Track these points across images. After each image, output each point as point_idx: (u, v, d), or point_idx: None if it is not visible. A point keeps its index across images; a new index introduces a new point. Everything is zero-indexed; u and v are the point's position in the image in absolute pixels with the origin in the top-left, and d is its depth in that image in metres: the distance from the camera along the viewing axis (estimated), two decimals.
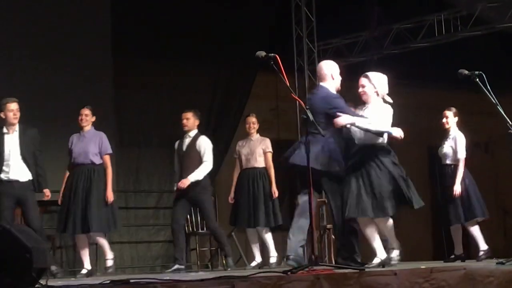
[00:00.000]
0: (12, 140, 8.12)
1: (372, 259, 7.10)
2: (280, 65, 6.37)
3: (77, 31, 10.89)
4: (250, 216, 9.12)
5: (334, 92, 7.11)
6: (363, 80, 7.24)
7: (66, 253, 10.62)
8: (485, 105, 7.30)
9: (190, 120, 8.92)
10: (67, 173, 8.55)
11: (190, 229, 10.39)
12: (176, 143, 9.09)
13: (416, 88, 14.31)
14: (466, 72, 7.00)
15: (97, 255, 10.00)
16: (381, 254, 7.08)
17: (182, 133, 9.06)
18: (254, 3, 12.06)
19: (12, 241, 4.85)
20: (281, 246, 8.91)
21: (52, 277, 7.66)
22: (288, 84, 6.41)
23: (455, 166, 8.72)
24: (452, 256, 8.73)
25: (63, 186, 8.52)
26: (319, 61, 12.43)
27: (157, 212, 11.70)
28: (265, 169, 9.28)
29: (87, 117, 8.55)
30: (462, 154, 8.70)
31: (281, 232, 9.10)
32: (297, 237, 6.82)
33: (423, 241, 9.18)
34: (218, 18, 11.82)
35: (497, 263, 6.69)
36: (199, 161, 8.81)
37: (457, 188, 8.58)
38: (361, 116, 7.02)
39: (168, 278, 5.33)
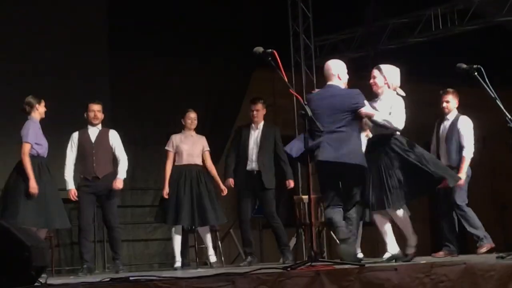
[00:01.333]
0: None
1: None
2: (278, 61, 6.37)
3: (73, 29, 10.89)
4: (194, 213, 9.04)
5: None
6: (374, 72, 7.30)
7: (63, 251, 10.62)
8: (483, 100, 7.30)
9: (260, 112, 9.28)
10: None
11: (189, 227, 10.37)
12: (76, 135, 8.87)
13: (413, 84, 14.30)
14: (464, 66, 7.00)
15: (95, 252, 10.00)
16: (392, 249, 7.08)
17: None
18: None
19: (11, 239, 4.86)
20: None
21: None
22: (286, 79, 6.41)
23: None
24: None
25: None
26: (316, 57, 12.48)
27: (153, 210, 11.68)
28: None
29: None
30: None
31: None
32: None
33: (422, 236, 9.18)
34: (214, 16, 11.83)
35: (497, 257, 6.70)
36: None
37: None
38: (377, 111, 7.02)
39: (167, 275, 5.32)
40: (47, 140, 8.35)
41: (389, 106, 7.08)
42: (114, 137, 8.82)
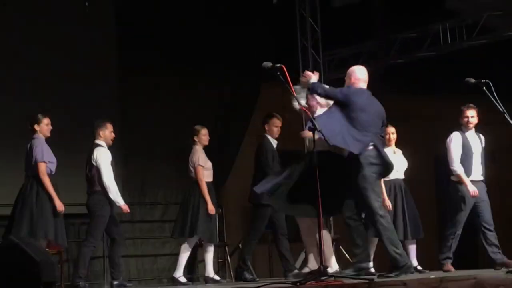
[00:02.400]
0: None
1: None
2: (286, 75, 6.39)
3: (82, 50, 10.94)
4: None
5: None
6: None
7: (73, 266, 10.61)
8: (491, 114, 7.30)
9: None
10: None
11: (198, 241, 10.37)
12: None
13: (422, 97, 14.32)
14: (473, 80, 7.02)
15: (104, 267, 10.01)
16: None
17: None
18: (259, 14, 12.09)
19: (20, 254, 4.87)
20: None
21: None
22: (295, 94, 6.43)
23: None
24: None
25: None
26: (324, 72, 12.49)
27: (162, 225, 11.69)
28: None
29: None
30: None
31: None
32: None
33: (431, 250, 9.16)
34: (223, 30, 11.85)
35: (507, 272, 6.69)
36: None
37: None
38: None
39: None
40: (57, 152, 8.40)
41: None
42: None
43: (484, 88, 6.88)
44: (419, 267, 8.94)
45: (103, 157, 8.55)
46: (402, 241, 8.88)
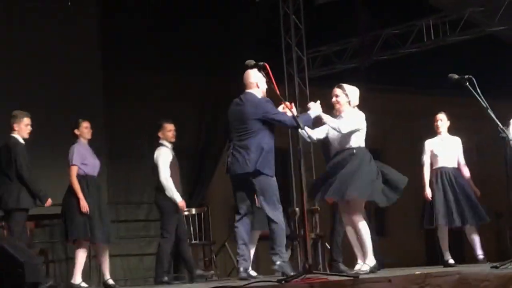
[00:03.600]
0: None
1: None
2: (270, 73, 6.40)
3: (67, 43, 10.91)
4: None
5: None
6: (337, 91, 7.39)
7: (59, 267, 10.59)
8: (475, 109, 7.33)
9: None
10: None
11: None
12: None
13: (406, 94, 14.37)
14: (456, 76, 7.03)
15: (90, 267, 9.98)
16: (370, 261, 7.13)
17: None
18: (243, 12, 12.09)
19: (4, 256, 4.86)
20: None
21: None
22: (278, 92, 6.45)
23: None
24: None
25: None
26: (308, 69, 12.52)
27: (147, 224, 11.68)
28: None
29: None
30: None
31: None
32: None
33: (416, 246, 9.20)
34: (207, 28, 11.83)
35: (491, 267, 6.70)
36: None
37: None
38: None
39: None
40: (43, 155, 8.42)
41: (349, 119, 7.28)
42: None
43: (467, 83, 6.90)
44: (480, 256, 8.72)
45: (161, 156, 8.89)
46: (459, 228, 8.83)
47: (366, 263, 7.13)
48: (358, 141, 7.27)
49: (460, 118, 9.52)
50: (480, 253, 8.73)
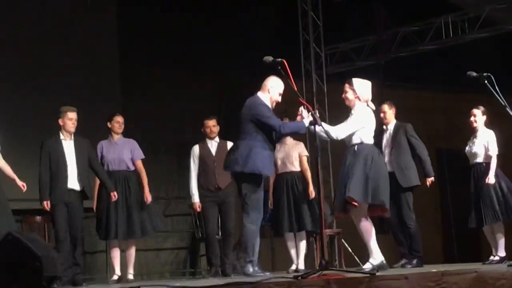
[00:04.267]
0: (69, 148, 8.23)
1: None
2: (287, 69, 6.41)
3: (84, 40, 10.92)
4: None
5: (267, 103, 7.18)
6: (346, 86, 7.29)
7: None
8: (497, 107, 7.29)
9: (216, 127, 9.12)
10: (98, 181, 8.58)
11: (200, 235, 10.39)
12: (196, 149, 9.08)
13: (424, 91, 14.31)
14: (475, 74, 7.00)
15: (107, 262, 10.01)
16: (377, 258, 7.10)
17: (202, 139, 9.10)
18: (261, 8, 12.09)
19: (22, 249, 4.88)
20: None
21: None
22: (296, 88, 6.46)
23: (487, 164, 8.62)
24: (493, 258, 8.61)
25: (97, 194, 8.61)
26: (326, 65, 12.50)
27: (165, 219, 11.69)
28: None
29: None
30: (494, 151, 8.63)
31: None
32: None
33: (433, 244, 9.18)
34: (225, 25, 11.85)
35: (508, 265, 6.69)
36: None
37: (491, 180, 8.50)
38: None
39: (178, 284, 5.34)
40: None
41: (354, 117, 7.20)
42: None
43: (485, 81, 6.87)
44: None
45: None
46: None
47: (369, 261, 7.08)
48: (362, 137, 7.12)
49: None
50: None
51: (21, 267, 4.84)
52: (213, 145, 9.04)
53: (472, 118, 8.79)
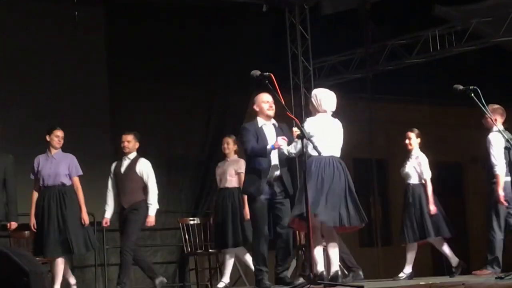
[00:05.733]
0: None
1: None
2: (275, 83, 6.43)
3: (72, 55, 10.95)
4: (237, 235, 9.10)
5: (260, 120, 7.28)
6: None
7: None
8: (480, 119, 7.35)
9: (131, 143, 8.95)
10: (35, 195, 8.45)
11: (189, 249, 10.38)
12: (113, 165, 9.01)
13: (411, 104, 14.37)
14: (461, 87, 7.06)
15: (96, 276, 10.00)
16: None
17: (121, 155, 9.06)
18: (249, 22, 12.12)
19: (9, 264, 4.86)
20: None
21: None
22: (283, 102, 6.48)
23: (421, 184, 8.90)
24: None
25: (34, 209, 8.43)
26: (314, 79, 12.53)
27: (154, 233, 11.67)
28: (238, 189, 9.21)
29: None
30: (428, 175, 8.87)
31: None
32: None
33: (423, 257, 9.19)
34: (213, 39, 11.88)
35: (496, 278, 6.70)
36: (140, 184, 8.89)
37: (432, 207, 8.76)
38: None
39: None
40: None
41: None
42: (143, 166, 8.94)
43: (472, 94, 6.92)
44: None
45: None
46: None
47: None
48: (308, 150, 7.00)
49: (468, 128, 9.53)
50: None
51: (9, 283, 4.82)
52: (124, 162, 8.92)
53: (407, 141, 9.02)
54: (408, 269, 8.88)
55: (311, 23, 12.45)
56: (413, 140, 8.99)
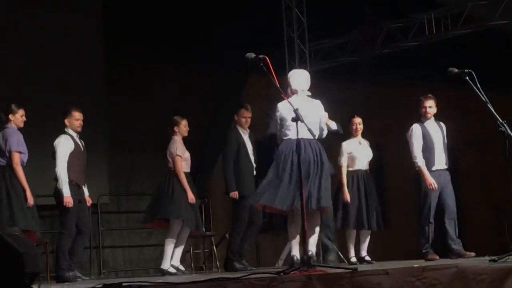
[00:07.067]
0: None
1: None
2: (270, 66, 6.40)
3: (69, 35, 10.93)
4: None
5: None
6: None
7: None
8: (477, 103, 7.33)
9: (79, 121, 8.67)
10: None
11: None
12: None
13: (407, 87, 14.35)
14: (456, 70, 7.05)
15: (91, 258, 10.03)
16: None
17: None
18: (244, 5, 12.07)
19: (2, 246, 4.87)
20: None
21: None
22: (278, 85, 6.46)
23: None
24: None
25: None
26: (310, 62, 12.49)
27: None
28: None
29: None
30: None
31: None
32: None
33: (416, 239, 9.22)
34: (209, 22, 11.84)
35: (489, 261, 6.72)
36: None
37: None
38: None
39: (161, 281, 5.35)
40: (39, 145, 8.38)
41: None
42: None
43: (467, 77, 6.91)
44: (367, 258, 9.04)
45: (60, 144, 8.40)
46: (358, 231, 9.03)
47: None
48: (282, 134, 7.10)
49: (463, 112, 9.53)
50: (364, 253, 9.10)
51: (2, 264, 4.83)
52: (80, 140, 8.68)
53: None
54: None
55: (307, 6, 12.41)
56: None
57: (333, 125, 7.74)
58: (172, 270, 8.71)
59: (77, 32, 11.03)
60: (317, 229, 7.11)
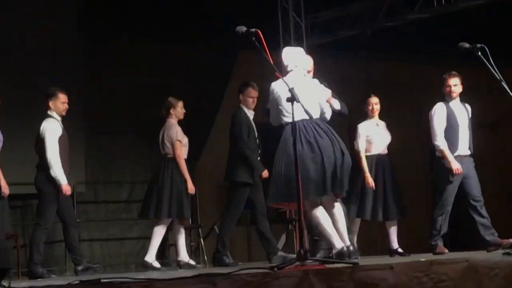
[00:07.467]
0: None
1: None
2: (262, 40, 6.38)
3: (44, 10, 10.86)
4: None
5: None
6: None
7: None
8: (491, 82, 7.31)
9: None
10: None
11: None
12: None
13: (412, 63, 14.34)
14: (467, 45, 7.01)
15: (66, 252, 10.01)
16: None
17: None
18: None
19: None
20: None
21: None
22: (272, 61, 6.44)
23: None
24: None
25: None
26: (307, 36, 12.45)
27: (129, 205, 11.68)
28: None
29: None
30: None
31: None
32: None
33: (422, 231, 9.24)
34: None
35: (503, 254, 6.73)
36: None
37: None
38: None
39: (143, 277, 5.33)
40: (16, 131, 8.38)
41: None
42: None
43: (479, 53, 6.88)
44: (399, 250, 9.05)
45: (49, 129, 8.45)
46: (382, 222, 9.04)
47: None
48: (281, 116, 6.98)
49: (474, 91, 9.49)
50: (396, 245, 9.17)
51: None
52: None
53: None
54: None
55: None
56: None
57: (337, 104, 7.72)
58: (157, 265, 8.73)
59: (53, 9, 11.00)
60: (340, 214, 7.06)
